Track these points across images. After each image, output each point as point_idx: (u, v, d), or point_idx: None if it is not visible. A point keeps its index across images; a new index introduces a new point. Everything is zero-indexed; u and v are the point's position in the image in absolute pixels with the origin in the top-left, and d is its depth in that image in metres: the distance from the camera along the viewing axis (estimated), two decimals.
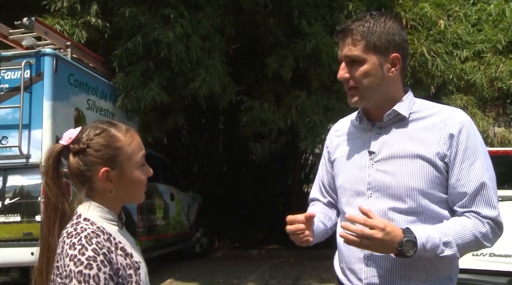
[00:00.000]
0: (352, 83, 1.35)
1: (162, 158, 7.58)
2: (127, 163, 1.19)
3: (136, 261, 1.17)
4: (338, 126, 1.58)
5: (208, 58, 5.48)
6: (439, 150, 1.31)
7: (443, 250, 1.24)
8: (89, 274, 1.05)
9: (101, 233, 1.14)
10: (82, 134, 1.19)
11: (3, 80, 4.32)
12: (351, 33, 1.33)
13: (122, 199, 1.24)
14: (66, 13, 5.19)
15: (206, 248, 8.38)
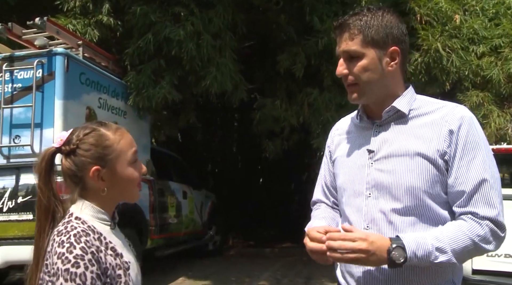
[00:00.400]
0: (351, 79, 1.32)
1: (175, 156, 7.61)
2: (117, 161, 1.20)
3: (126, 261, 1.17)
4: (339, 125, 1.56)
5: (219, 56, 5.46)
6: (439, 147, 1.26)
7: (437, 256, 1.18)
8: (76, 273, 1.05)
9: (91, 232, 1.14)
10: (73, 136, 1.20)
11: (16, 80, 4.36)
12: (348, 28, 1.30)
13: (115, 198, 1.24)
14: (78, 13, 5.22)
15: (219, 246, 8.40)
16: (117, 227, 1.30)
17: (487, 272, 3.42)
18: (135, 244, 5.18)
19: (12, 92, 4.34)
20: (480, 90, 6.10)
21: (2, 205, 4.22)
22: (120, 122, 5.15)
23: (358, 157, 1.38)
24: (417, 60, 5.79)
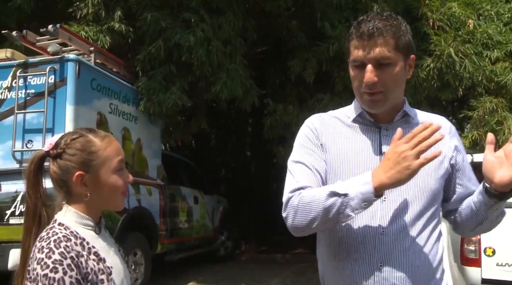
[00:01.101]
0: (379, 87, 1.26)
1: (187, 161, 7.65)
2: (101, 167, 1.20)
3: (108, 267, 1.17)
4: (323, 120, 1.42)
5: (230, 62, 5.49)
6: (447, 153, 1.34)
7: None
8: (54, 278, 1.05)
9: (73, 237, 1.14)
10: (61, 140, 1.22)
11: (29, 86, 4.45)
12: (381, 33, 1.23)
13: (98, 204, 1.24)
14: (91, 20, 5.31)
15: (231, 251, 8.40)
16: (104, 232, 1.30)
17: (496, 282, 3.35)
18: (144, 248, 5.27)
19: (26, 98, 4.43)
20: (494, 96, 6.00)
21: (15, 209, 4.30)
22: (131, 128, 5.24)
23: (367, 159, 1.32)
24: (429, 66, 5.73)
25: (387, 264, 1.25)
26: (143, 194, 5.36)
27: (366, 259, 1.26)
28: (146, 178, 5.52)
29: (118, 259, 1.27)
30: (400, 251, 1.25)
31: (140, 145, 5.48)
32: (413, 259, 1.26)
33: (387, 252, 1.25)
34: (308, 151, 1.36)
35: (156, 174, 5.79)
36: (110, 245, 1.27)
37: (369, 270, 1.26)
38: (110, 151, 1.23)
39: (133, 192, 5.12)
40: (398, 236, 1.26)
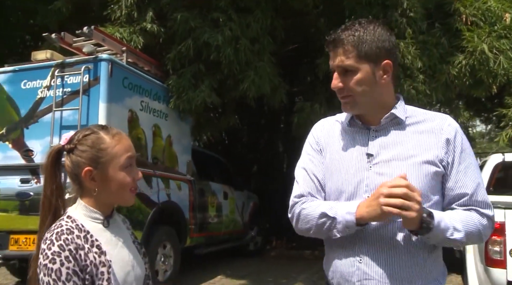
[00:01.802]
0: (346, 92, 1.37)
1: (217, 157, 7.79)
2: (110, 164, 1.26)
3: (108, 260, 1.23)
4: (324, 126, 1.53)
5: (258, 60, 5.56)
6: (438, 153, 1.35)
7: (452, 233, 1.27)
8: (52, 268, 1.14)
9: (77, 230, 1.22)
10: (75, 136, 1.30)
11: (66, 85, 4.69)
12: (342, 43, 1.34)
13: (106, 199, 1.30)
14: (124, 21, 5.52)
15: (260, 247, 8.50)
16: (120, 224, 1.37)
17: None
18: (174, 241, 5.44)
19: (63, 96, 4.67)
20: None
21: None
22: (161, 124, 5.41)
23: (354, 160, 1.40)
24: (461, 63, 5.60)
25: (366, 259, 1.32)
26: (172, 188, 5.53)
27: (349, 253, 1.36)
28: (176, 173, 5.70)
29: (127, 252, 1.31)
30: (379, 247, 1.31)
31: (170, 141, 5.65)
32: (393, 256, 1.31)
33: (366, 248, 1.33)
34: (310, 157, 1.50)
35: (186, 169, 5.96)
36: (120, 238, 1.32)
37: (351, 263, 1.35)
38: (119, 148, 1.28)
39: (163, 186, 5.30)
40: (377, 233, 1.32)
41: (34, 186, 4.55)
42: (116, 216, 1.38)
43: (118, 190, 1.28)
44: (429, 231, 1.23)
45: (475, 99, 8.14)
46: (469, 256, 4.16)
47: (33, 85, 4.81)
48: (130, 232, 1.42)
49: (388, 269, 1.31)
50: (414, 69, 5.59)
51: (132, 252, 1.34)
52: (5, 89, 4.95)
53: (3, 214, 4.62)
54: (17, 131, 4.78)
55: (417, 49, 5.63)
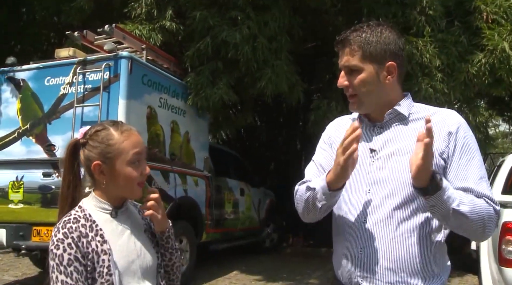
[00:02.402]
0: (351, 91, 1.43)
1: (234, 154, 7.87)
2: (117, 159, 1.33)
3: (108, 248, 1.30)
4: (339, 123, 1.62)
5: (275, 58, 5.62)
6: (438, 146, 1.36)
7: (459, 204, 1.25)
8: (56, 253, 1.23)
9: (83, 219, 1.30)
10: (89, 131, 1.38)
11: (87, 81, 4.81)
12: (349, 44, 1.41)
13: (115, 192, 1.37)
14: (144, 19, 5.64)
15: (276, 244, 8.55)
16: (130, 215, 1.43)
17: None
18: (190, 236, 5.54)
19: (84, 92, 4.80)
20: None
21: None
22: (179, 121, 5.51)
23: (359, 155, 1.42)
24: (480, 61, 5.54)
25: (366, 250, 1.37)
26: (189, 184, 5.63)
27: (350, 244, 1.41)
28: (193, 169, 5.79)
29: (134, 241, 1.37)
30: (379, 239, 1.36)
31: (188, 137, 5.74)
32: (393, 248, 1.35)
33: (367, 239, 1.37)
34: (321, 150, 1.59)
35: (203, 165, 6.05)
36: (128, 227, 1.38)
37: (352, 254, 1.40)
38: (127, 144, 1.34)
39: (180, 182, 5.40)
40: (377, 225, 1.37)
41: (55, 179, 4.69)
42: (129, 206, 1.44)
43: (125, 184, 1.35)
44: (438, 190, 1.23)
45: (497, 98, 8.00)
46: (483, 256, 4.14)
47: (56, 82, 4.96)
48: (145, 221, 1.48)
49: (388, 262, 1.35)
50: (432, 67, 5.56)
51: (141, 241, 1.40)
52: (30, 85, 5.11)
53: (26, 206, 4.78)
54: (40, 127, 4.94)
55: (436, 48, 5.59)
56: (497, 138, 21.38)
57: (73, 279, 1.22)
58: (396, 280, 1.35)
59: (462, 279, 6.22)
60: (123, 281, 1.31)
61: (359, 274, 1.38)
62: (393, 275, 1.35)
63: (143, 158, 1.39)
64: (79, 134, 1.39)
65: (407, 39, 5.58)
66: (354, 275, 1.40)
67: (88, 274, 1.26)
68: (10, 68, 5.26)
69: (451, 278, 6.17)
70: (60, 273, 1.22)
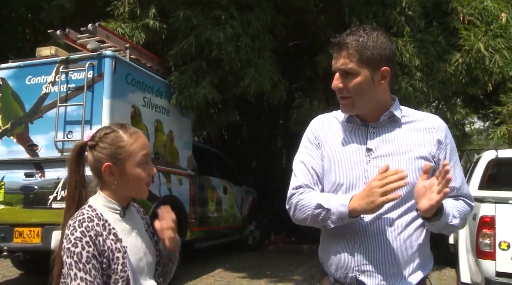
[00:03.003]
0: (345, 93, 1.47)
1: (217, 152, 7.89)
2: (127, 160, 1.38)
3: (123, 246, 1.35)
4: (323, 122, 1.62)
5: (258, 57, 5.67)
6: (431, 150, 1.47)
7: (452, 219, 1.42)
8: (74, 251, 1.27)
9: (97, 219, 1.34)
10: (97, 133, 1.42)
11: (70, 81, 4.77)
12: (346, 47, 1.43)
13: (124, 192, 1.42)
14: (127, 17, 5.62)
15: (259, 241, 8.62)
16: (135, 214, 1.49)
17: (511, 275, 3.41)
18: None
19: (67, 92, 4.75)
20: None
21: (57, 194, 4.62)
22: (163, 120, 5.52)
23: (353, 154, 1.50)
24: (457, 61, 5.72)
25: (364, 246, 1.43)
26: (173, 183, 5.64)
27: (348, 240, 1.46)
28: (177, 168, 5.81)
29: (140, 240, 1.43)
30: (376, 235, 1.43)
31: (172, 136, 5.75)
32: (389, 243, 1.42)
33: (364, 235, 1.44)
34: (308, 151, 1.58)
35: (187, 164, 6.07)
36: (135, 227, 1.44)
37: (350, 250, 1.45)
38: (136, 146, 1.40)
39: (164, 181, 5.41)
40: (374, 222, 1.43)
41: (38, 179, 4.65)
42: (132, 207, 1.49)
43: (134, 184, 1.40)
44: (440, 217, 1.36)
45: (473, 97, 8.25)
46: (461, 249, 4.29)
47: (37, 81, 4.90)
48: (145, 221, 1.54)
49: (385, 255, 1.42)
50: (412, 67, 5.70)
51: (144, 240, 1.46)
52: (10, 84, 5.03)
53: (7, 207, 4.72)
54: (21, 126, 4.88)
55: (415, 47, 5.74)
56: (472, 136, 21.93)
57: (92, 276, 1.27)
58: (393, 272, 1.42)
59: (440, 273, 6.39)
60: (134, 277, 1.36)
61: (357, 269, 1.44)
62: (390, 267, 1.42)
63: (149, 159, 1.44)
64: (86, 137, 1.43)
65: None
66: (351, 270, 1.45)
67: (103, 271, 1.31)
68: None
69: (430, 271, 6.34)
70: (79, 270, 1.26)
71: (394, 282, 1.42)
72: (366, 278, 1.43)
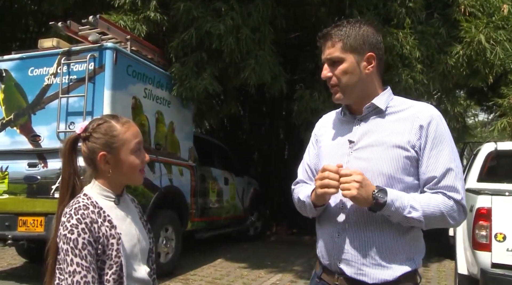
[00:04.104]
0: (334, 81, 1.51)
1: (218, 143, 7.94)
2: (121, 149, 1.43)
3: (117, 232, 1.40)
4: (325, 118, 1.73)
5: (258, 49, 5.69)
6: (410, 139, 1.45)
7: (410, 211, 1.38)
8: (70, 238, 1.32)
9: (92, 206, 1.39)
10: (90, 125, 1.46)
11: (72, 72, 4.82)
12: (330, 37, 1.51)
13: (119, 179, 1.47)
14: (128, 9, 5.64)
15: (260, 232, 8.69)
16: (129, 202, 1.55)
17: (506, 266, 3.44)
18: (175, 225, 5.62)
19: (69, 83, 4.81)
20: None
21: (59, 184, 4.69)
22: (164, 111, 5.56)
23: (339, 146, 1.56)
24: (458, 53, 5.72)
25: (342, 235, 1.48)
26: (174, 174, 5.70)
27: (329, 229, 1.52)
28: (178, 159, 5.86)
29: (134, 227, 1.49)
30: (355, 224, 1.47)
31: (173, 127, 5.80)
32: (367, 233, 1.45)
33: (343, 225, 1.48)
34: (309, 149, 1.73)
35: (188, 155, 6.12)
36: (128, 214, 1.50)
37: (330, 238, 1.51)
38: (129, 135, 1.45)
39: (165, 171, 5.46)
40: (354, 213, 1.47)
41: (41, 170, 4.72)
42: (125, 195, 1.55)
43: (129, 171, 1.46)
44: (383, 207, 1.36)
45: (476, 89, 8.23)
46: (459, 241, 4.33)
47: (40, 73, 4.95)
48: (138, 209, 1.60)
49: (363, 245, 1.45)
50: (412, 59, 5.70)
51: (138, 227, 1.52)
52: (13, 76, 5.09)
53: (11, 197, 4.80)
54: (24, 117, 4.94)
55: (416, 39, 5.74)
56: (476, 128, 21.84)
57: (87, 262, 1.31)
58: (371, 263, 1.44)
59: (440, 264, 6.45)
60: (128, 263, 1.41)
61: (336, 257, 1.48)
62: (368, 258, 1.44)
63: (142, 147, 1.50)
64: (78, 129, 1.47)
65: (388, 31, 5.71)
66: (333, 258, 1.50)
67: (98, 257, 1.36)
68: None
69: (430, 263, 6.39)
70: (75, 256, 1.31)
71: (373, 272, 1.44)
72: (345, 266, 1.47)
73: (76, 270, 1.30)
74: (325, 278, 1.55)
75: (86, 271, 1.31)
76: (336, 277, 1.51)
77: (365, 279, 1.44)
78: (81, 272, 1.30)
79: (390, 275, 1.43)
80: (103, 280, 1.37)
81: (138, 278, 1.46)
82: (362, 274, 1.45)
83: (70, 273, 1.30)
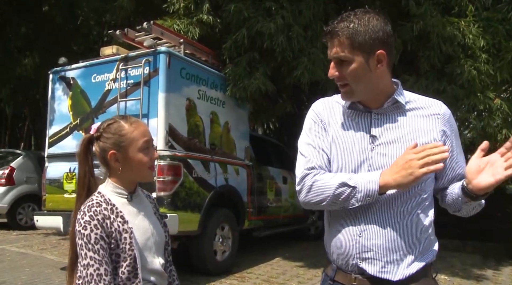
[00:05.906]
0: (343, 80, 1.45)
1: (276, 142, 7.94)
2: (129, 147, 1.51)
3: (129, 227, 1.47)
4: (326, 104, 1.58)
5: (311, 46, 5.62)
6: (436, 137, 1.44)
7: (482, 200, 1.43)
8: (84, 233, 1.40)
9: (105, 203, 1.48)
10: (101, 126, 1.55)
11: (129, 77, 5.07)
12: (337, 35, 1.41)
13: (129, 177, 1.54)
14: (182, 14, 5.82)
15: (321, 231, 8.55)
16: (142, 199, 1.61)
17: None
18: (232, 223, 5.71)
19: (126, 87, 5.06)
20: None
21: None
22: (219, 112, 5.67)
23: (358, 141, 1.48)
24: None
25: (366, 233, 1.42)
26: (230, 173, 5.79)
27: (349, 228, 1.45)
28: (234, 158, 5.94)
29: (147, 221, 1.56)
30: (378, 222, 1.41)
31: (228, 127, 5.89)
32: (390, 229, 1.40)
33: (365, 222, 1.43)
34: (315, 133, 1.54)
35: (244, 154, 6.19)
36: (141, 210, 1.57)
37: (350, 237, 1.45)
38: (137, 134, 1.52)
39: (220, 171, 5.56)
40: (376, 208, 1.42)
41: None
42: (139, 192, 1.62)
43: (138, 168, 1.53)
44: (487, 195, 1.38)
45: None
46: None
47: (101, 79, 5.27)
48: (153, 205, 1.67)
49: (387, 242, 1.40)
50: (476, 48, 5.35)
51: (152, 222, 1.59)
52: (78, 83, 5.46)
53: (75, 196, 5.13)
54: (88, 121, 5.27)
55: (480, 27, 5.37)
56: None
57: (100, 255, 1.40)
58: (395, 259, 1.40)
59: None
60: (142, 255, 1.48)
61: (357, 256, 1.43)
62: (392, 254, 1.40)
63: (151, 145, 1.56)
64: (92, 130, 1.56)
65: (448, 21, 5.40)
66: (352, 258, 1.44)
67: (112, 250, 1.44)
68: (62, 68, 5.64)
69: (502, 267, 5.95)
70: (88, 250, 1.40)
71: (395, 269, 1.40)
72: (367, 265, 1.42)
73: (89, 263, 1.39)
74: (339, 280, 1.50)
75: (98, 264, 1.39)
76: (354, 277, 1.46)
77: (389, 276, 1.40)
78: (94, 265, 1.39)
79: (413, 269, 1.41)
80: (119, 272, 1.45)
81: (153, 269, 1.53)
82: (386, 272, 1.41)
83: (85, 265, 1.39)
